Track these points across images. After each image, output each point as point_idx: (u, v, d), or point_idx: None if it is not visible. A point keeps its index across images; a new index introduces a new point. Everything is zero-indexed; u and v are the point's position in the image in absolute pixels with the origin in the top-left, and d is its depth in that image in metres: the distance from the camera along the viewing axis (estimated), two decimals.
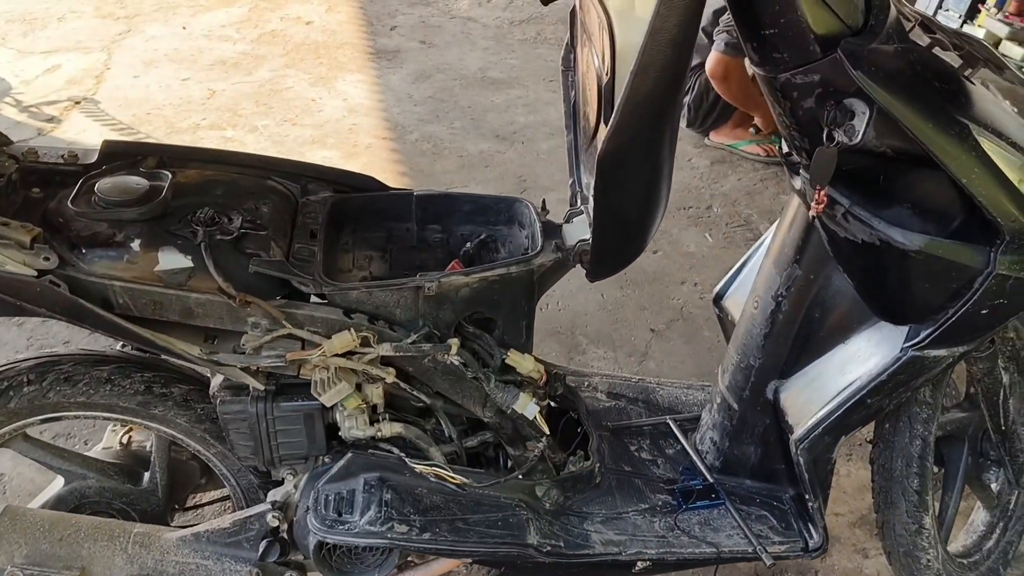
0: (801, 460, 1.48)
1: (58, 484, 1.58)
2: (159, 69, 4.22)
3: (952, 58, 1.37)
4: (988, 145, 1.23)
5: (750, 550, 1.55)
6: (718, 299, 1.79)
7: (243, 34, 4.59)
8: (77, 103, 3.90)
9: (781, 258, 1.50)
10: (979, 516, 1.90)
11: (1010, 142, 1.27)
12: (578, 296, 2.75)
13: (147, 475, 1.59)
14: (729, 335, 1.71)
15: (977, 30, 3.98)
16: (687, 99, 3.43)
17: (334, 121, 3.80)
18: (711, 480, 1.66)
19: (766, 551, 1.54)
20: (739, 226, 3.11)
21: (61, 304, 1.24)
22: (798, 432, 1.48)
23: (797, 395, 1.52)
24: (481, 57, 4.40)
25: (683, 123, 3.54)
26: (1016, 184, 1.25)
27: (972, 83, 1.31)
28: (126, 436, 1.67)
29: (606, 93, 1.21)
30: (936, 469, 1.77)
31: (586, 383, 1.84)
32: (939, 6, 4.18)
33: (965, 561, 1.80)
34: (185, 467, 1.65)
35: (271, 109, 3.90)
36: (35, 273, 1.22)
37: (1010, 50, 3.86)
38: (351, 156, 3.49)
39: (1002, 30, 3.89)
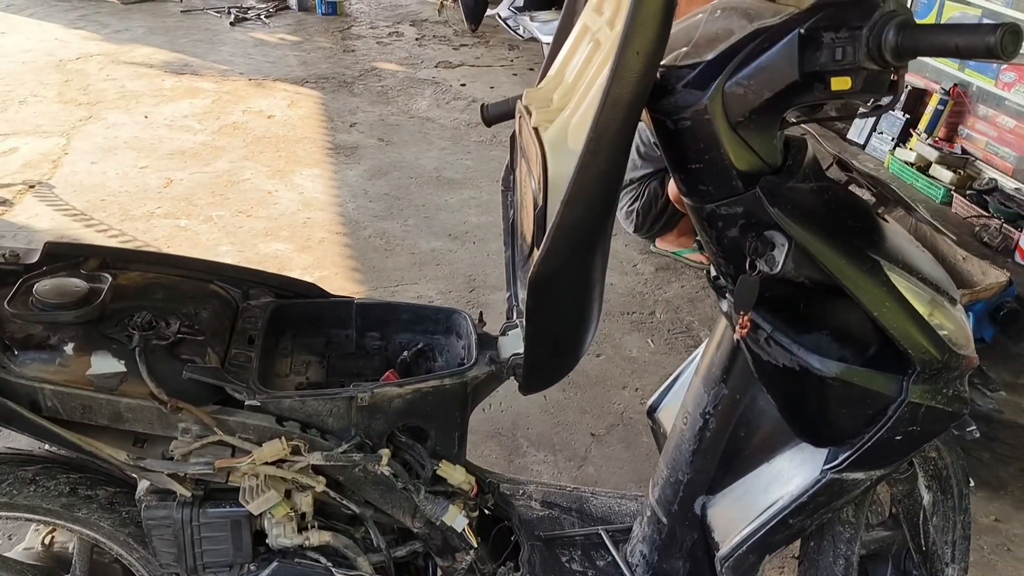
0: None
1: None
2: (118, 156, 4.25)
3: (867, 195, 1.46)
4: (898, 280, 1.30)
5: None
6: (652, 411, 1.83)
7: (204, 125, 4.66)
8: (31, 187, 3.91)
9: (709, 377, 1.55)
10: None
11: (920, 277, 1.34)
12: (520, 398, 2.75)
13: None
14: (661, 446, 1.74)
15: (908, 153, 4.20)
16: (637, 205, 3.54)
17: (289, 214, 3.84)
18: None
19: None
20: (680, 332, 3.18)
21: None
22: (723, 550, 1.50)
23: (723, 511, 1.55)
24: (437, 156, 4.51)
25: (631, 228, 3.65)
26: (926, 318, 1.32)
27: (885, 220, 1.39)
28: (48, 536, 1.63)
29: (538, 219, 1.26)
30: None
31: (520, 491, 1.85)
32: (873, 129, 4.40)
33: None
34: (108, 570, 1.61)
35: (227, 200, 3.94)
36: None
37: (939, 173, 4.07)
38: (304, 249, 3.53)
39: (932, 154, 4.10)
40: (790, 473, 1.47)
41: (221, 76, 5.38)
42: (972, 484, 2.43)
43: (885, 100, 1.22)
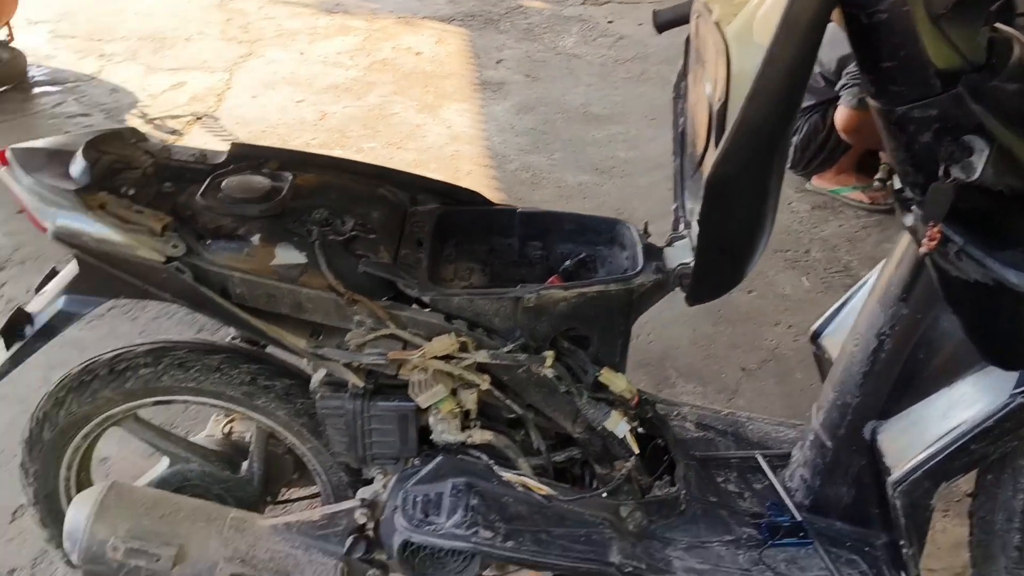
0: (898, 504, 1.44)
1: (163, 465, 1.66)
2: (276, 91, 4.42)
3: None
4: None
5: None
6: (816, 336, 1.77)
7: (356, 61, 4.77)
8: (199, 118, 4.12)
9: (887, 296, 1.47)
10: None
11: None
12: (670, 329, 2.74)
13: (245, 464, 1.65)
14: (825, 373, 1.68)
15: None
16: (795, 140, 3.39)
17: (437, 147, 3.90)
18: (799, 518, 1.62)
19: None
20: (838, 271, 3.05)
21: (184, 290, 1.33)
22: (896, 474, 1.44)
23: (897, 437, 1.48)
24: (584, 92, 4.46)
25: (787, 165, 3.49)
26: None
27: None
28: (228, 426, 1.74)
29: (718, 117, 1.22)
30: None
31: (675, 412, 1.83)
32: None
33: None
34: (280, 461, 1.70)
35: (378, 132, 4.03)
36: (163, 259, 1.31)
37: None
38: (452, 181, 3.57)
39: None
40: (974, 397, 1.39)
41: (371, 15, 5.47)
42: None
43: None
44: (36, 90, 4.36)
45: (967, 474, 1.46)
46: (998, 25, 1.24)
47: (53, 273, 1.52)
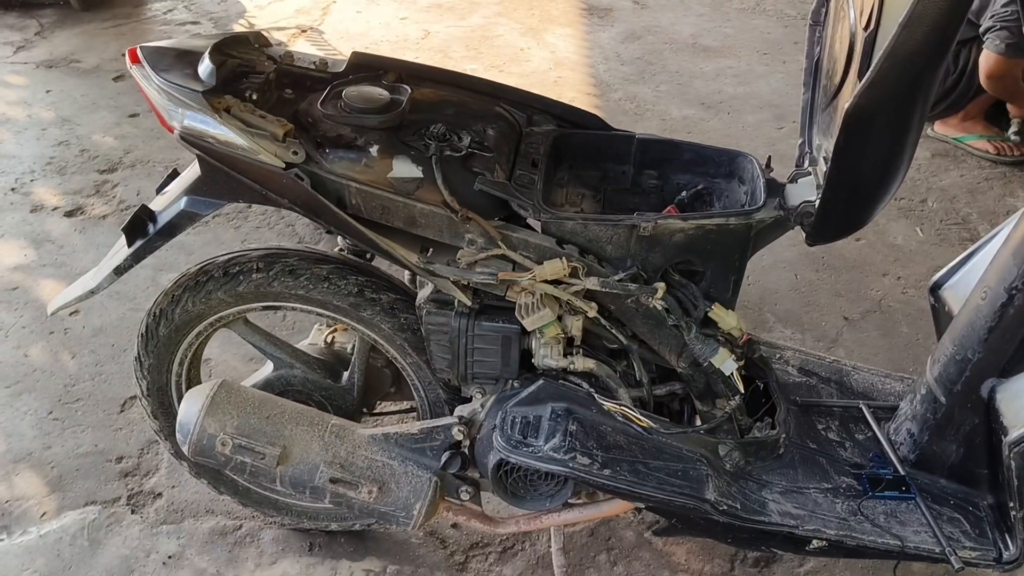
0: (1012, 465, 1.38)
1: (267, 369, 1.70)
2: (380, 7, 4.40)
3: None
4: None
5: (937, 550, 1.47)
6: (936, 288, 1.69)
7: None
8: (304, 31, 4.14)
9: (1021, 247, 1.39)
10: None
11: None
12: (770, 273, 2.66)
13: (346, 374, 1.69)
14: (942, 327, 1.61)
15: None
16: None
17: (540, 72, 3.83)
18: (903, 473, 1.57)
19: (956, 554, 1.45)
20: (955, 224, 2.90)
21: (302, 197, 1.33)
22: (1013, 435, 1.38)
23: (1017, 397, 1.41)
24: (695, 23, 4.31)
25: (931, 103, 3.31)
26: None
27: None
28: (330, 336, 1.78)
29: (865, 45, 1.15)
30: None
31: (778, 355, 1.79)
32: None
33: None
34: (379, 373, 1.73)
35: (480, 54, 3.98)
36: (283, 165, 1.32)
37: None
38: None
39: None
40: None
41: None
42: None
43: None
44: None
45: None
46: None
47: (174, 174, 1.55)
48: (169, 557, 1.84)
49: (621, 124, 3.36)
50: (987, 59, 2.97)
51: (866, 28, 1.16)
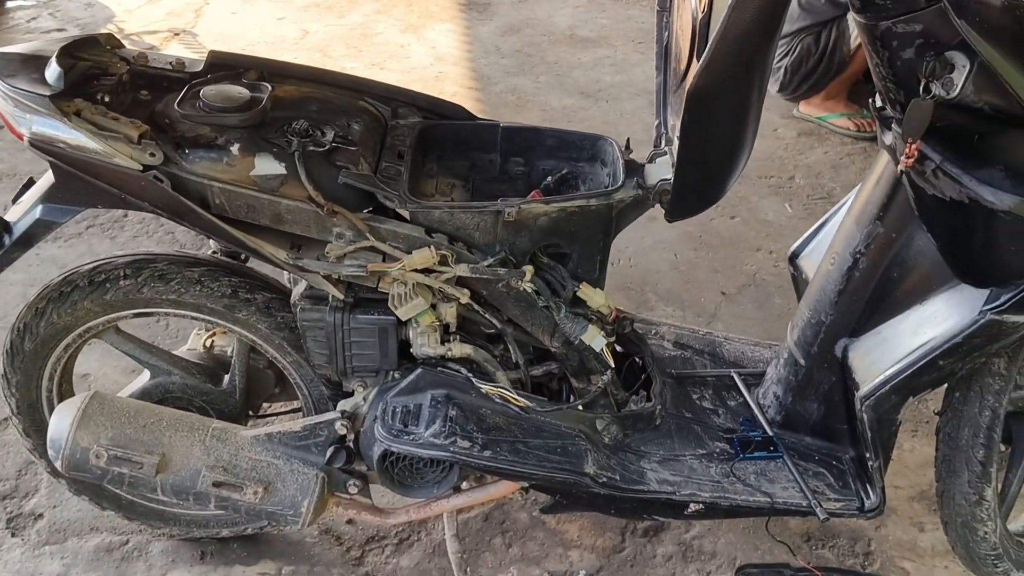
0: (865, 418, 1.48)
1: (144, 378, 1.67)
2: (256, 7, 4.32)
3: None
4: None
5: (804, 504, 1.56)
6: (794, 257, 1.79)
7: None
8: (176, 35, 4.03)
9: (864, 215, 1.49)
10: None
11: None
12: (651, 254, 2.75)
13: (227, 377, 1.67)
14: (802, 293, 1.70)
15: None
16: (786, 62, 3.36)
17: (421, 68, 3.84)
18: (771, 433, 1.66)
19: (821, 506, 1.55)
20: (820, 198, 3.06)
21: (162, 200, 1.32)
22: (864, 389, 1.48)
23: (867, 354, 1.51)
24: (571, 15, 4.39)
25: (775, 87, 3.47)
26: None
27: None
28: (209, 340, 1.75)
29: (701, 28, 1.21)
30: (1003, 448, 1.74)
31: (653, 331, 1.86)
32: None
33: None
34: (261, 375, 1.72)
35: (360, 52, 3.97)
36: (141, 168, 1.30)
37: None
38: None
39: None
40: (944, 315, 1.41)
41: None
42: None
43: None
44: (10, 3, 4.24)
45: (934, 390, 1.49)
46: None
47: (30, 183, 1.50)
48: None
49: (503, 116, 3.43)
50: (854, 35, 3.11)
51: (703, 11, 1.22)
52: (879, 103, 1.41)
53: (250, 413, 1.77)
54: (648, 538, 1.92)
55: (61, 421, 1.47)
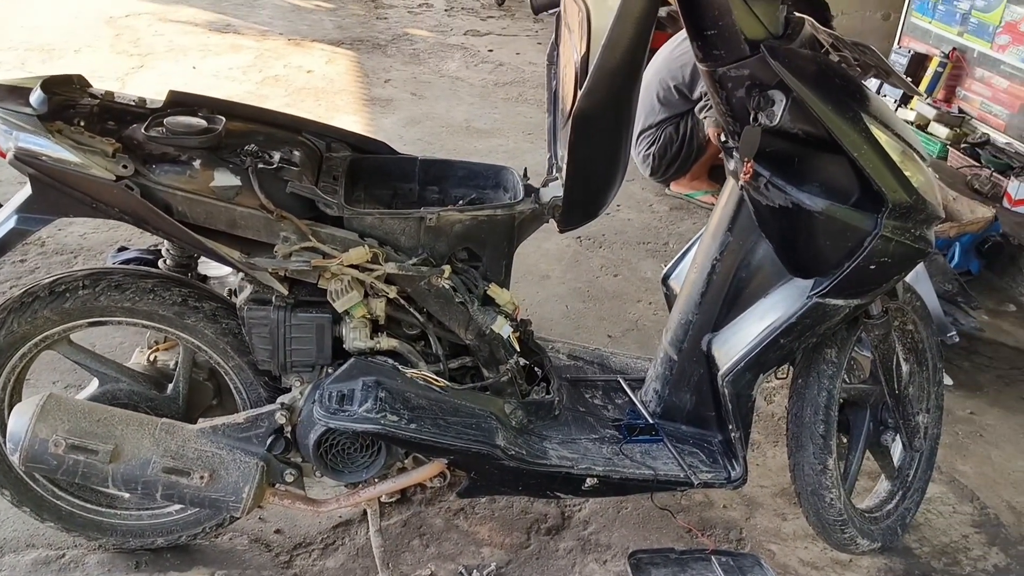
0: (726, 392, 1.78)
1: (93, 386, 1.82)
2: None
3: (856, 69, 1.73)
4: (876, 131, 1.59)
5: (682, 475, 1.83)
6: (665, 279, 2.12)
7: (248, 76, 4.96)
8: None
9: (717, 230, 1.83)
10: (882, 485, 2.19)
11: (894, 133, 1.63)
12: (544, 306, 3.06)
13: (170, 385, 1.84)
14: (672, 307, 2.02)
15: (909, 113, 4.47)
16: (654, 149, 3.82)
17: None
18: (652, 422, 1.94)
19: (696, 476, 1.82)
20: None
21: (132, 207, 1.53)
22: (723, 368, 1.78)
23: (725, 342, 1.83)
24: (467, 110, 4.80)
25: (647, 172, 3.93)
26: (897, 164, 1.61)
27: (867, 88, 1.67)
28: (152, 355, 1.92)
29: (582, 64, 1.55)
30: (842, 439, 2.07)
31: (551, 346, 2.14)
32: (878, 91, 4.67)
33: (867, 515, 2.08)
34: (201, 386, 1.89)
35: None
36: (114, 178, 1.51)
37: (937, 130, 4.35)
38: None
39: (930, 113, 4.38)
40: (782, 304, 1.75)
41: (261, 35, 5.68)
42: (951, 383, 2.73)
43: None
44: None
45: (780, 366, 1.81)
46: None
47: None
48: None
49: None
50: (711, 129, 3.60)
51: (582, 54, 1.56)
52: (723, 138, 1.78)
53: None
54: (551, 536, 2.14)
55: (21, 417, 1.61)
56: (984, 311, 3.22)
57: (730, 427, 1.82)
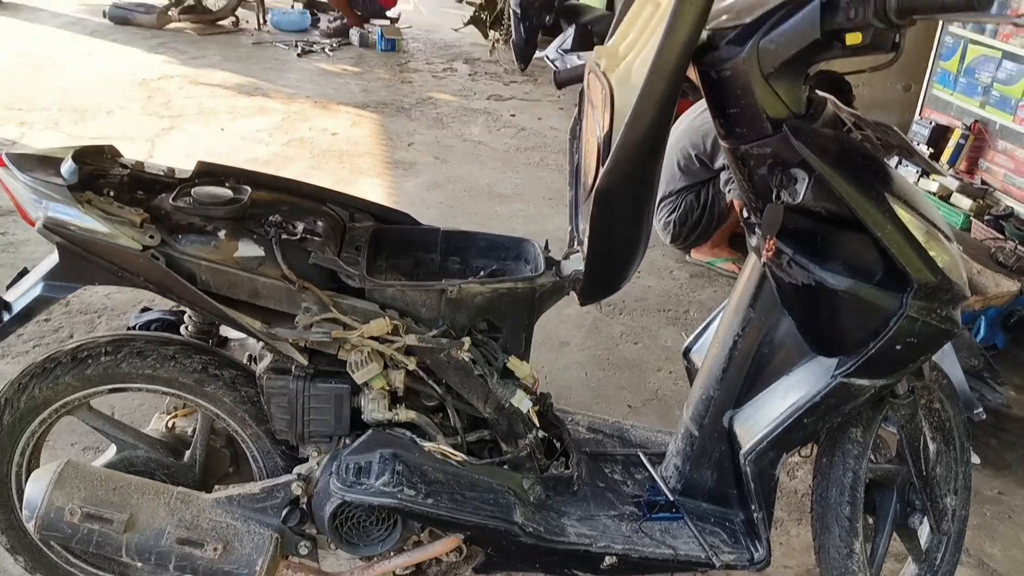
0: (748, 471, 1.75)
1: (111, 452, 1.82)
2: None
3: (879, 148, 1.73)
4: (900, 211, 1.58)
5: (703, 556, 1.79)
6: (686, 352, 2.10)
7: (275, 138, 5.06)
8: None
9: (739, 305, 1.82)
10: (909, 568, 2.13)
11: (919, 212, 1.62)
12: (564, 374, 3.04)
13: (187, 452, 1.83)
14: (693, 380, 2.00)
15: (931, 184, 4.47)
16: (674, 217, 3.83)
17: None
18: (672, 499, 1.91)
19: (717, 557, 1.78)
20: None
21: (156, 276, 1.55)
22: (746, 447, 1.75)
23: (747, 419, 1.80)
24: (489, 175, 4.85)
25: (667, 239, 3.93)
26: (922, 244, 1.59)
27: (890, 167, 1.67)
28: (171, 422, 1.92)
29: (605, 141, 1.56)
30: (869, 520, 2.02)
31: (569, 418, 2.12)
32: (899, 163, 4.67)
33: None
34: (218, 453, 1.88)
35: None
36: (140, 247, 1.53)
37: (960, 201, 4.34)
38: None
39: (953, 184, 4.38)
40: (805, 382, 1.72)
41: (289, 98, 5.80)
42: (978, 461, 2.67)
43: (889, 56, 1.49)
44: None
45: (803, 445, 1.78)
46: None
47: (23, 272, 1.71)
48: None
49: None
50: (736, 203, 3.61)
51: (605, 131, 1.57)
52: (745, 214, 1.78)
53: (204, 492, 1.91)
54: None
55: (38, 484, 1.61)
56: (1011, 387, 3.16)
57: (753, 506, 1.78)
